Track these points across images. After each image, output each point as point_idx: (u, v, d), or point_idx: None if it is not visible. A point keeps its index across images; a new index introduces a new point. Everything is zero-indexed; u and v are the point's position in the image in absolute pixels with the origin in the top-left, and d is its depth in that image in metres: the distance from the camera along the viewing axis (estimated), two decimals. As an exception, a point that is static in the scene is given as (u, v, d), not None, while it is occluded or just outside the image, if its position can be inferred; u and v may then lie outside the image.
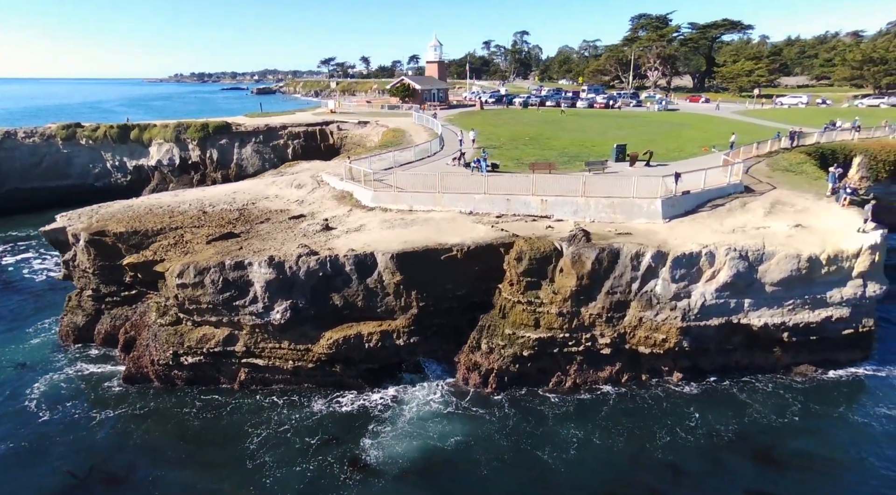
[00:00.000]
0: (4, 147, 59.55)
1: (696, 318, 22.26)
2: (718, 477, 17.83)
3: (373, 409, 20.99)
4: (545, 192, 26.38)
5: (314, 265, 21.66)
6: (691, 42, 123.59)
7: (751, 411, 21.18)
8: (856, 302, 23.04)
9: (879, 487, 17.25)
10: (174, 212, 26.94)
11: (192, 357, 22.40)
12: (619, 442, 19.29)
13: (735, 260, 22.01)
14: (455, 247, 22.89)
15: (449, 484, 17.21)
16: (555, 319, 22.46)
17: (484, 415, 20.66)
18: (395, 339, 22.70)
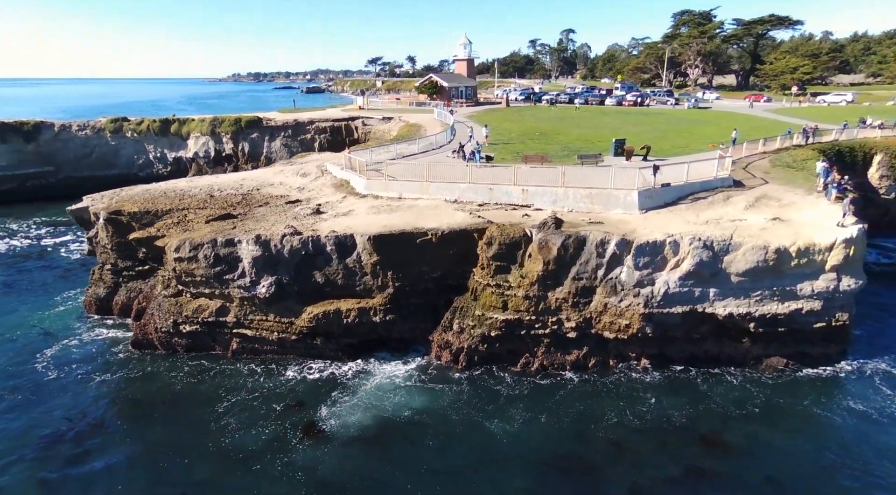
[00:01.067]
0: (60, 138, 64.85)
1: (658, 305, 22.82)
2: (660, 455, 18.41)
3: (341, 381, 22.61)
4: (526, 182, 27.37)
5: (297, 244, 23.52)
6: (734, 39, 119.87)
7: (709, 400, 21.54)
8: (828, 295, 23.01)
9: (822, 475, 17.42)
10: (185, 195, 29.47)
11: (189, 326, 24.70)
12: (566, 421, 20.06)
13: (699, 249, 22.45)
14: (430, 231, 24.27)
15: (391, 451, 18.40)
16: (521, 302, 23.50)
17: (443, 390, 21.91)
18: (372, 316, 24.30)
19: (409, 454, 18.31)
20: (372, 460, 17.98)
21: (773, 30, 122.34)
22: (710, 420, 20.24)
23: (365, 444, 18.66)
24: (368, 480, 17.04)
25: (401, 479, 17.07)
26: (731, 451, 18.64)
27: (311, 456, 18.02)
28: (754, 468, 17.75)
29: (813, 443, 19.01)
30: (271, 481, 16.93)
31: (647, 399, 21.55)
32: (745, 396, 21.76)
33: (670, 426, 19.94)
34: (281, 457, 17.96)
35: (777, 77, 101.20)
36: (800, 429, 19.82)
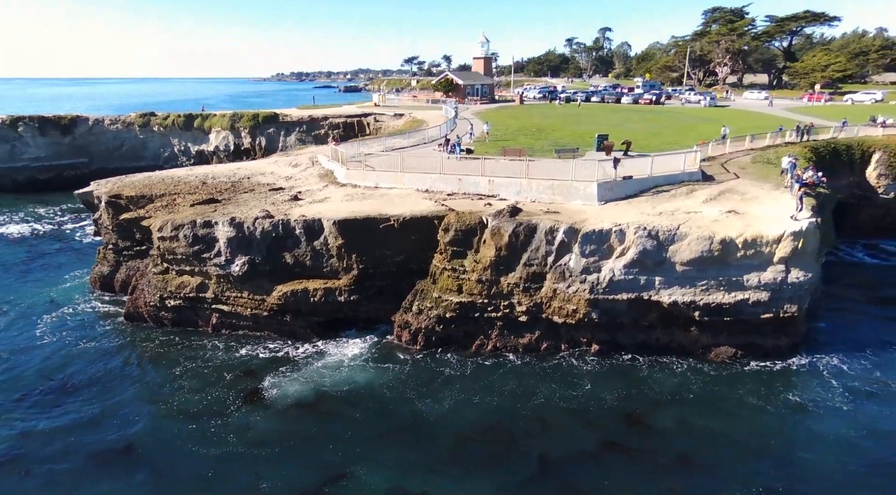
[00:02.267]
0: (94, 132, 69.25)
1: (604, 292, 23.66)
2: (581, 431, 19.25)
3: (294, 356, 24.29)
4: (493, 174, 28.53)
5: (268, 227, 25.39)
6: (765, 36, 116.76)
7: (646, 385, 22.15)
8: (776, 287, 23.39)
9: (737, 457, 17.88)
10: (180, 182, 31.85)
11: (173, 300, 26.91)
12: (497, 399, 20.98)
13: (643, 238, 23.20)
14: (393, 217, 25.75)
15: (320, 419, 19.73)
16: (475, 286, 24.72)
17: (387, 368, 23.24)
18: (338, 296, 25.96)
19: (336, 422, 19.65)
20: (300, 425, 19.42)
21: (808, 26, 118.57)
22: (640, 403, 20.97)
23: (297, 411, 20.20)
24: (293, 441, 18.49)
25: (321, 442, 18.45)
26: (652, 431, 19.39)
27: (246, 420, 19.71)
28: (670, 446, 18.49)
29: (737, 429, 19.48)
30: (203, 437, 18.69)
31: (584, 382, 22.35)
32: (683, 383, 22.37)
33: (599, 406, 20.73)
34: (218, 419, 19.73)
35: (807, 75, 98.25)
36: (728, 415, 20.29)
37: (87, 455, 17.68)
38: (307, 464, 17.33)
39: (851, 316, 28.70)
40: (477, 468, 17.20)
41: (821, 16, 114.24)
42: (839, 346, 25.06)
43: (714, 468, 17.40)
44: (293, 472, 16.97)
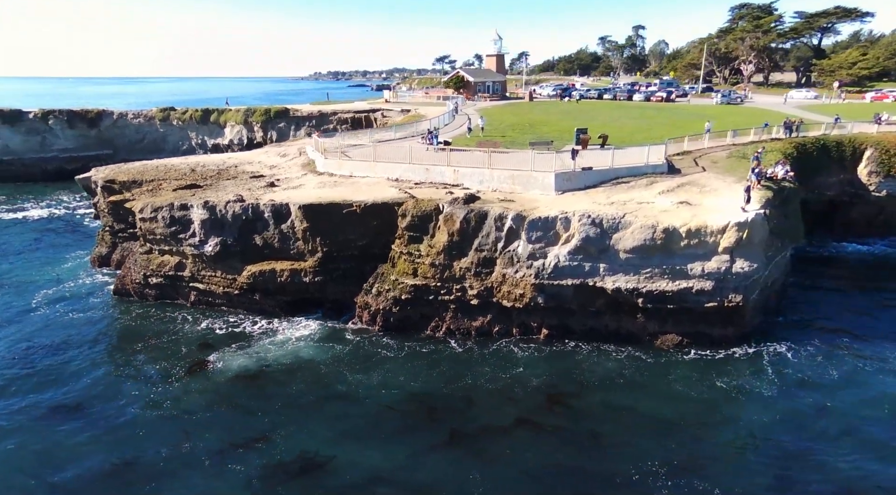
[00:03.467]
0: (118, 125, 73.08)
1: (549, 277, 24.45)
2: (499, 408, 19.95)
3: (250, 333, 25.87)
4: (458, 164, 29.59)
5: (238, 210, 27.09)
6: (793, 33, 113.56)
7: (579, 369, 22.64)
8: (720, 276, 23.77)
9: (646, 436, 18.37)
10: (171, 169, 33.98)
11: (155, 278, 28.94)
12: (426, 378, 21.84)
13: (587, 226, 23.92)
14: (356, 203, 27.11)
15: (254, 389, 21.10)
16: (429, 270, 25.86)
17: (333, 346, 24.48)
18: (303, 277, 27.48)
19: (268, 392, 20.98)
20: (234, 394, 20.86)
21: (839, 22, 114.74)
22: (566, 384, 21.56)
23: (235, 381, 21.72)
24: (224, 407, 19.97)
25: (249, 410, 19.80)
26: (571, 411, 19.98)
27: (187, 387, 21.36)
28: (583, 424, 19.09)
29: (654, 411, 19.79)
30: (146, 399, 20.45)
31: (519, 365, 22.98)
32: (617, 368, 22.81)
33: (525, 387, 21.36)
34: (163, 384, 21.50)
35: (833, 72, 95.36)
36: (650, 399, 20.59)
37: (45, 407, 19.68)
38: (231, 429, 18.72)
39: (818, 309, 28.57)
40: (392, 436, 18.29)
41: (853, 11, 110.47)
42: (791, 338, 25.03)
43: (621, 445, 17.94)
44: (217, 434, 18.36)
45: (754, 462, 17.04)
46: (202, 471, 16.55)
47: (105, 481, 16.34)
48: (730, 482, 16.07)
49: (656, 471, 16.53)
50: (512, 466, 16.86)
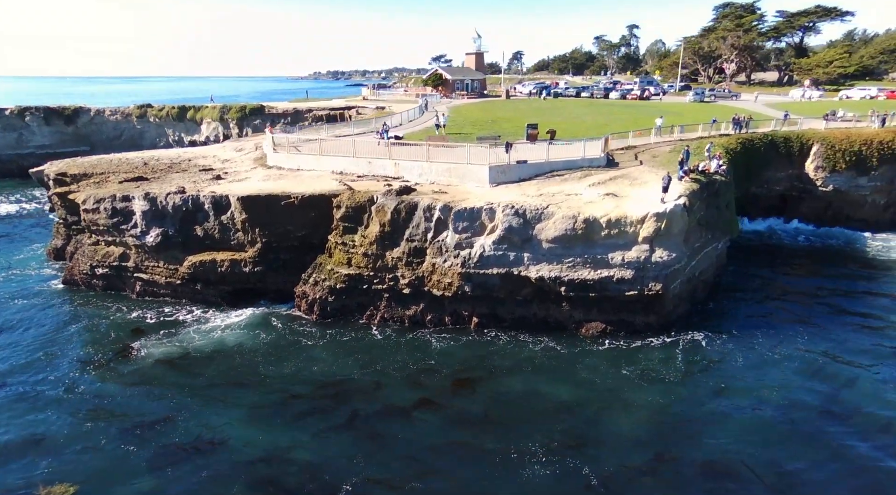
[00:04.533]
0: (95, 122, 73.63)
1: (475, 266, 25.12)
2: (405, 392, 20.64)
3: (182, 320, 26.61)
4: (399, 157, 30.24)
5: (178, 201, 27.72)
6: (773, 32, 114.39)
7: (493, 357, 23.23)
8: (639, 265, 24.47)
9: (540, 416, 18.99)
10: (124, 162, 34.59)
11: (101, 268, 29.56)
12: (342, 364, 22.49)
13: (510, 216, 24.60)
14: (294, 195, 27.75)
15: (171, 373, 21.84)
16: (362, 259, 26.53)
17: (258, 334, 25.16)
18: (243, 267, 28.13)
19: (184, 376, 21.72)
20: (148, 378, 21.62)
21: (819, 21, 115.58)
22: (475, 371, 22.17)
23: (153, 367, 22.44)
24: (137, 389, 20.84)
25: (159, 392, 20.65)
26: (472, 394, 20.57)
27: (106, 370, 22.21)
28: (482, 407, 19.76)
29: (553, 395, 20.40)
30: (66, 381, 21.25)
31: (432, 352, 23.61)
32: (531, 356, 23.38)
33: (433, 373, 21.99)
34: (86, 367, 22.34)
35: (810, 71, 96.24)
36: (553, 384, 21.20)
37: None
38: (137, 411, 19.42)
39: (750, 299, 29.28)
40: (294, 419, 18.96)
41: (832, 10, 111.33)
42: (713, 327, 25.73)
43: (512, 426, 18.51)
44: (122, 416, 19.09)
45: (636, 441, 17.66)
46: (98, 451, 17.20)
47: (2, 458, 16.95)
48: (608, 459, 16.73)
49: (537, 450, 17.13)
50: (402, 445, 17.53)
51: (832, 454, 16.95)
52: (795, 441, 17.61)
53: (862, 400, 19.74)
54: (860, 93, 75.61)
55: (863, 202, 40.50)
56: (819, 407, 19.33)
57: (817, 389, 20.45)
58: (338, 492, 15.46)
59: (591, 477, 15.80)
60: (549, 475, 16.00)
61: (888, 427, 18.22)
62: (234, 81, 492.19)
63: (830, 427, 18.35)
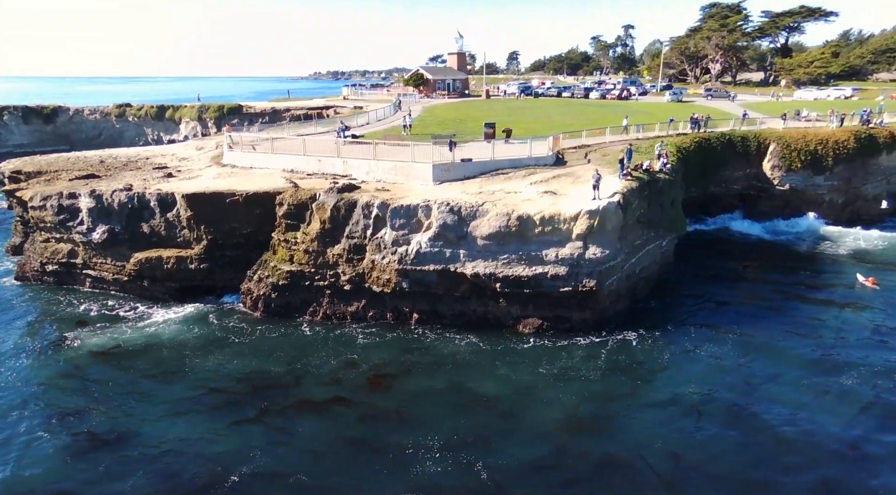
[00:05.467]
0: (74, 121, 73.95)
1: (412, 263, 25.42)
2: (322, 387, 20.85)
3: (123, 316, 26.83)
4: (347, 156, 30.55)
5: (124, 199, 28.00)
6: (757, 32, 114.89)
7: (416, 354, 23.37)
8: (573, 262, 24.77)
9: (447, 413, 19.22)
10: (80, 161, 34.89)
11: (51, 265, 29.84)
12: (266, 360, 22.73)
13: (445, 213, 24.90)
14: (239, 193, 28.03)
15: (99, 365, 22.23)
16: (303, 256, 26.82)
17: (191, 330, 25.37)
18: (189, 264, 28.40)
19: (110, 368, 22.12)
20: (75, 370, 21.95)
21: (804, 21, 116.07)
22: (394, 367, 22.38)
23: (82, 359, 22.75)
24: (58, 383, 21.21)
25: (84, 383, 21.01)
26: (388, 390, 20.75)
27: (36, 360, 22.59)
28: (394, 402, 19.97)
29: (471, 392, 20.54)
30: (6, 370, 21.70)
31: (356, 348, 23.79)
32: (454, 352, 23.51)
33: (352, 368, 22.16)
34: (19, 357, 22.75)
35: (792, 71, 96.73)
36: (473, 381, 21.35)
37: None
38: (55, 402, 19.79)
39: (694, 296, 29.49)
40: (206, 412, 19.29)
41: (816, 11, 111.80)
42: (648, 324, 25.77)
43: (420, 421, 18.74)
44: (39, 407, 19.46)
45: (540, 437, 17.83)
46: (8, 438, 17.53)
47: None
48: (505, 454, 16.93)
49: (435, 445, 17.33)
50: (304, 439, 17.80)
51: (732, 449, 17.15)
52: (699, 437, 17.82)
53: (774, 399, 19.85)
54: (835, 92, 76.24)
55: (820, 201, 40.86)
56: (730, 405, 19.46)
57: (734, 387, 20.61)
58: (226, 483, 15.74)
59: (483, 471, 16.04)
60: (440, 470, 16.21)
61: (791, 421, 18.45)
62: (234, 82, 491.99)
63: (737, 423, 18.49)
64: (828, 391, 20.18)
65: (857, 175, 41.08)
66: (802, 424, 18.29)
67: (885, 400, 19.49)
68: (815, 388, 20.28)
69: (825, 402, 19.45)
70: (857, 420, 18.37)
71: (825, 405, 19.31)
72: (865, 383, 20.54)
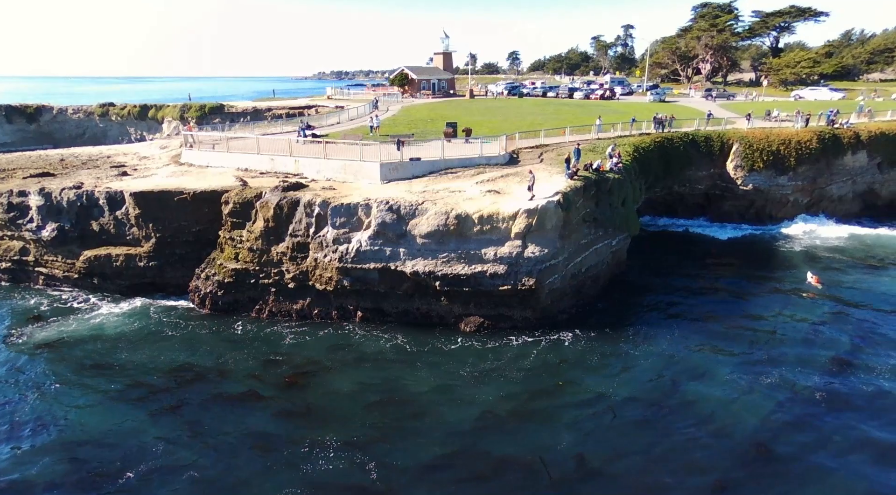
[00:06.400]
0: (58, 120, 74.32)
1: (353, 261, 25.53)
2: (241, 382, 20.94)
3: (74, 310, 27.11)
4: (299, 155, 30.70)
5: (72, 197, 28.21)
6: (747, 32, 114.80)
7: (344, 351, 23.36)
8: (512, 260, 24.84)
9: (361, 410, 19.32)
10: (40, 159, 35.16)
11: (4, 263, 30.08)
12: (192, 353, 22.98)
13: (383, 212, 25.02)
14: (187, 191, 28.21)
15: (42, 356, 22.60)
16: (248, 254, 26.98)
17: (131, 322, 25.73)
18: (138, 262, 28.60)
19: (47, 359, 22.46)
20: (13, 360, 22.38)
21: (794, 21, 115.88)
22: (317, 364, 22.29)
23: (24, 351, 23.06)
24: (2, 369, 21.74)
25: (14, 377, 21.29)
26: (304, 387, 20.73)
27: None
28: (305, 398, 20.04)
29: (384, 390, 20.55)
30: None
31: (284, 346, 23.89)
32: (377, 352, 23.45)
33: (274, 365, 22.25)
34: None
35: (778, 72, 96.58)
36: (388, 379, 21.35)
37: None
38: None
39: (645, 295, 29.39)
40: (129, 403, 19.54)
41: (807, 10, 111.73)
42: (590, 324, 25.59)
43: (324, 418, 18.74)
44: None
45: (444, 436, 17.77)
46: None
47: None
48: (405, 453, 16.92)
49: (333, 444, 17.29)
50: (207, 433, 17.98)
51: (639, 449, 16.99)
52: (608, 438, 17.63)
53: (696, 398, 19.63)
54: (812, 93, 76.36)
55: (785, 201, 40.87)
56: (649, 405, 19.31)
57: (657, 387, 20.44)
58: (128, 472, 16.01)
59: (374, 470, 16.04)
60: (330, 468, 16.24)
61: (706, 421, 18.41)
62: (238, 82, 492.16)
63: (651, 424, 18.34)
64: (752, 389, 20.17)
65: (822, 175, 41.07)
66: (717, 424, 18.25)
67: (802, 397, 19.50)
68: (739, 387, 20.25)
69: (746, 402, 19.40)
70: (772, 419, 18.35)
71: (745, 404, 19.26)
72: (787, 382, 20.47)
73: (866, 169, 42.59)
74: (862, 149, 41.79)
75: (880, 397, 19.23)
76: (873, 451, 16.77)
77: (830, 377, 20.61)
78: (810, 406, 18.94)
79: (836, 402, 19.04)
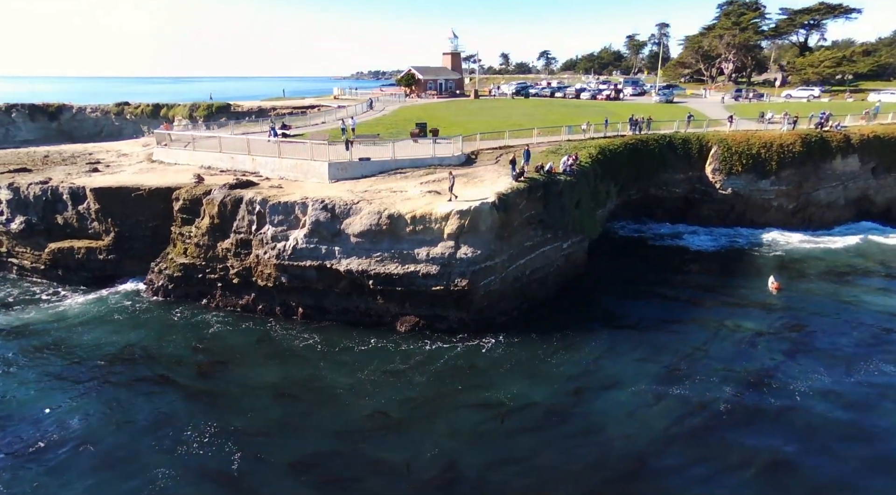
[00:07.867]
0: (77, 118, 77.70)
1: (290, 259, 26.00)
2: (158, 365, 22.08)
3: (45, 298, 28.55)
4: (255, 153, 31.41)
5: (38, 192, 29.61)
6: (771, 31, 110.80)
7: (266, 346, 23.97)
8: (444, 261, 24.87)
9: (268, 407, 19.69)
10: (27, 155, 36.95)
11: (-22, 254, 31.81)
12: (137, 339, 24.15)
13: (318, 211, 25.40)
14: (143, 188, 29.24)
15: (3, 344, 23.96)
16: (195, 250, 27.80)
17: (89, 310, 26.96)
18: (98, 255, 29.81)
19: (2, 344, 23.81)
20: None
21: (824, 19, 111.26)
22: (236, 354, 23.18)
23: None
24: None
25: None
26: (213, 376, 21.56)
27: None
28: (208, 387, 20.84)
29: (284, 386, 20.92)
30: None
31: (209, 336, 24.74)
32: (293, 347, 23.87)
33: (193, 352, 23.22)
34: None
35: (801, 71, 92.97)
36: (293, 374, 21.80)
37: None
38: None
39: (602, 299, 28.82)
40: (65, 382, 20.85)
41: (837, 7, 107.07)
42: (528, 327, 25.32)
43: (221, 407, 19.46)
44: None
45: (325, 436, 17.95)
46: None
47: None
48: (283, 448, 17.30)
49: (212, 432, 17.93)
50: (120, 412, 19.05)
51: (517, 458, 16.76)
52: (488, 446, 17.38)
53: (596, 409, 19.24)
54: (803, 93, 73.65)
55: (767, 206, 39.46)
56: (543, 414, 18.95)
57: (560, 395, 20.04)
58: (40, 443, 17.43)
59: (241, 462, 16.45)
60: (201, 454, 16.85)
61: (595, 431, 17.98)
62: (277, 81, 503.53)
63: (538, 433, 18.02)
64: (657, 402, 19.52)
65: (808, 180, 39.45)
66: (607, 435, 17.77)
67: (706, 411, 18.81)
68: (645, 400, 19.58)
69: (644, 414, 18.75)
70: (664, 432, 17.72)
71: (643, 417, 18.61)
72: (696, 395, 19.73)
73: (858, 174, 40.69)
74: (853, 153, 39.95)
75: (786, 412, 18.44)
76: (760, 466, 16.16)
77: (743, 391, 19.84)
78: (710, 419, 18.29)
79: (738, 417, 18.36)
